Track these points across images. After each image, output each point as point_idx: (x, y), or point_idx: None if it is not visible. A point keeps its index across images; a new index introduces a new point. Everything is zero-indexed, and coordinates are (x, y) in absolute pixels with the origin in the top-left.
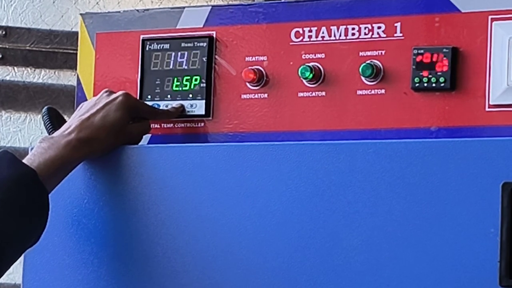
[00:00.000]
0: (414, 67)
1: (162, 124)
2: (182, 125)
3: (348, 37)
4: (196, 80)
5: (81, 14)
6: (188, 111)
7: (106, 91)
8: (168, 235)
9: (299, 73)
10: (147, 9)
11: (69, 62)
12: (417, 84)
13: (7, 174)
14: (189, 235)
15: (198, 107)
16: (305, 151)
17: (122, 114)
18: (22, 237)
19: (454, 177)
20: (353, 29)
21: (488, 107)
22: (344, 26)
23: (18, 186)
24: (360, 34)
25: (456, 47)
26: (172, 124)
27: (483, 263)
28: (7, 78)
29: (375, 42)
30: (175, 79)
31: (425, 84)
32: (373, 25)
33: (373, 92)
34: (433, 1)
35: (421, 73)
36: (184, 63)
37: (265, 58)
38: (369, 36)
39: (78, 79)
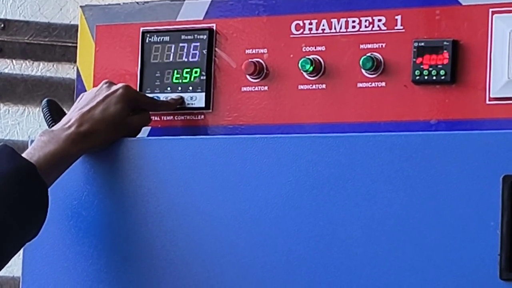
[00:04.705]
0: (414, 59)
1: (162, 117)
2: (182, 117)
3: (348, 30)
4: (196, 72)
5: (81, 6)
6: (188, 104)
7: (106, 82)
8: (167, 227)
9: (300, 65)
10: (147, 1)
11: (67, 55)
12: (417, 77)
13: (6, 168)
14: (188, 228)
15: (198, 99)
16: (305, 144)
17: (122, 107)
18: (21, 231)
19: (454, 170)
20: (353, 21)
21: (489, 100)
22: (345, 19)
23: (17, 180)
24: (360, 27)
25: (456, 40)
26: (172, 117)
27: (483, 256)
28: (6, 71)
29: (375, 34)
30: (175, 72)
31: (426, 77)
32: (374, 17)
33: (373, 84)
34: None
35: (421, 66)
36: (184, 56)
37: (265, 50)
38: (369, 28)
39: (78, 72)
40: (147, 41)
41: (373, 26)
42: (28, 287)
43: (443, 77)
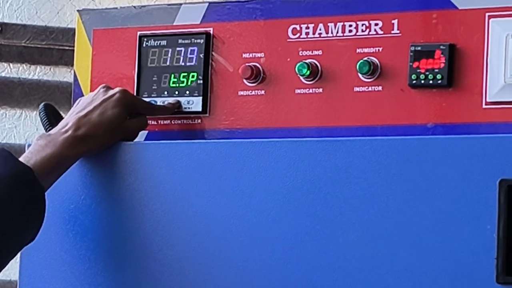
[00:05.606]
0: (411, 64)
1: (159, 121)
2: (179, 121)
3: (345, 34)
4: (193, 76)
5: (78, 10)
6: (185, 108)
7: (103, 87)
8: (164, 231)
9: (296, 69)
10: (144, 6)
11: (64, 58)
12: (414, 81)
13: (3, 172)
14: (185, 232)
15: (195, 103)
16: (302, 148)
17: (120, 111)
18: (19, 235)
19: (451, 174)
20: (350, 26)
21: (485, 104)
22: (341, 23)
23: (14, 184)
24: (357, 31)
25: (453, 44)
26: (169, 121)
27: (480, 260)
28: (3, 74)
29: (372, 39)
30: (172, 76)
31: (422, 81)
32: (370, 21)
33: (370, 89)
34: None
35: (418, 70)
36: (181, 60)
37: (262, 54)
38: (366, 33)
39: (75, 76)
40: (144, 45)
41: (369, 30)
42: None
43: (439, 81)
